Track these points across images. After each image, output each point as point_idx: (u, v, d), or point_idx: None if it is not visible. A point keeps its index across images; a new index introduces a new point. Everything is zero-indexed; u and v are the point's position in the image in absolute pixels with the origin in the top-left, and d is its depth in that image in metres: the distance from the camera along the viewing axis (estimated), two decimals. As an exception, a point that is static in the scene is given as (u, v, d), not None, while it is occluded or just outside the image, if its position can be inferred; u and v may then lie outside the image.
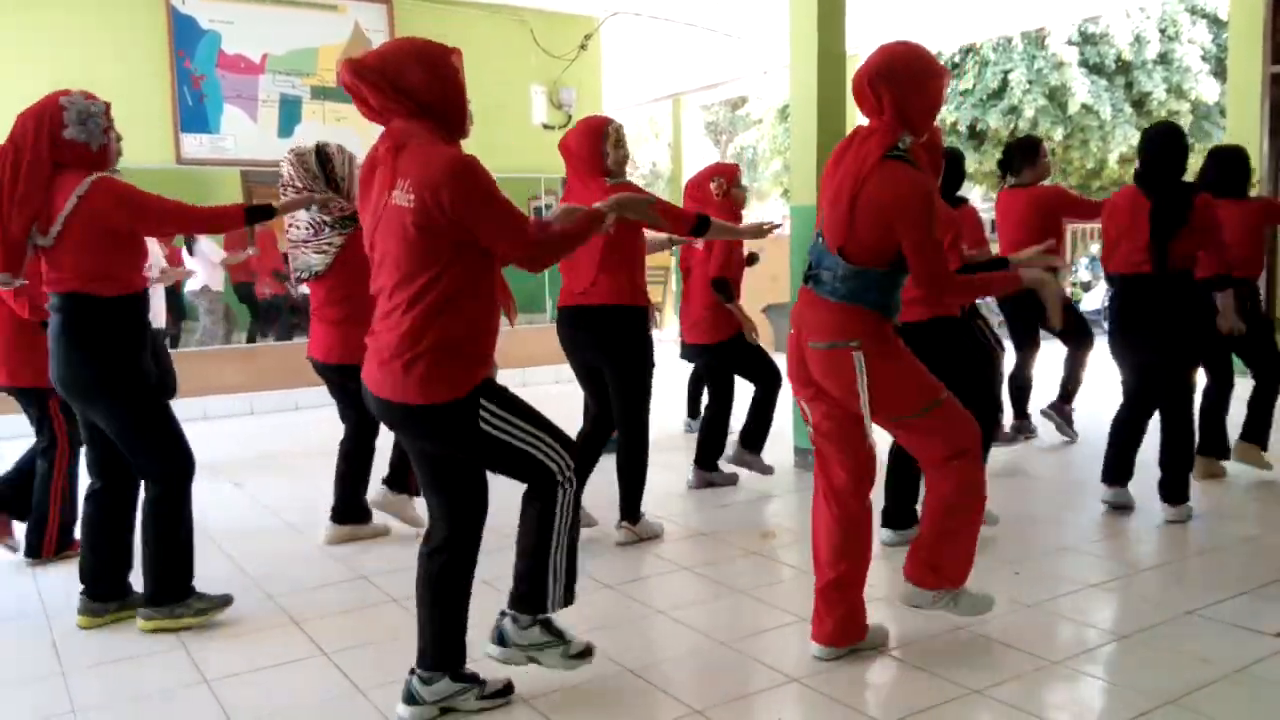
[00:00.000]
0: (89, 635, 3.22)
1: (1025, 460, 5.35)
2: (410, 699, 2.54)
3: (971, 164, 16.17)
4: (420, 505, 4.12)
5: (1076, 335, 5.51)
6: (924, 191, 2.61)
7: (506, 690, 2.64)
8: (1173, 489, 4.10)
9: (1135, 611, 3.23)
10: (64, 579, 3.84)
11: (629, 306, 3.84)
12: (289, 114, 8.13)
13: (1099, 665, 2.79)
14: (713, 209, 4.59)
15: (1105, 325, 4.27)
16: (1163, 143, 4.05)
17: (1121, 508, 4.22)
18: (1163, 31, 15.19)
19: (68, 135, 3.03)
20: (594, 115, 3.93)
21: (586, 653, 2.65)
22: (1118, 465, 4.22)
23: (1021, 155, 5.50)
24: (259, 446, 6.45)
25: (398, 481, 4.16)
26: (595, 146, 3.74)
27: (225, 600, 3.29)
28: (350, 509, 4.19)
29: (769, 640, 3.04)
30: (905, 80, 2.62)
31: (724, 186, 4.71)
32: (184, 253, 7.39)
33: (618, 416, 3.94)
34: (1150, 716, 2.47)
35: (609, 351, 3.86)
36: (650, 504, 4.69)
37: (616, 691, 2.72)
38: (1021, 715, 2.50)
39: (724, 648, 2.98)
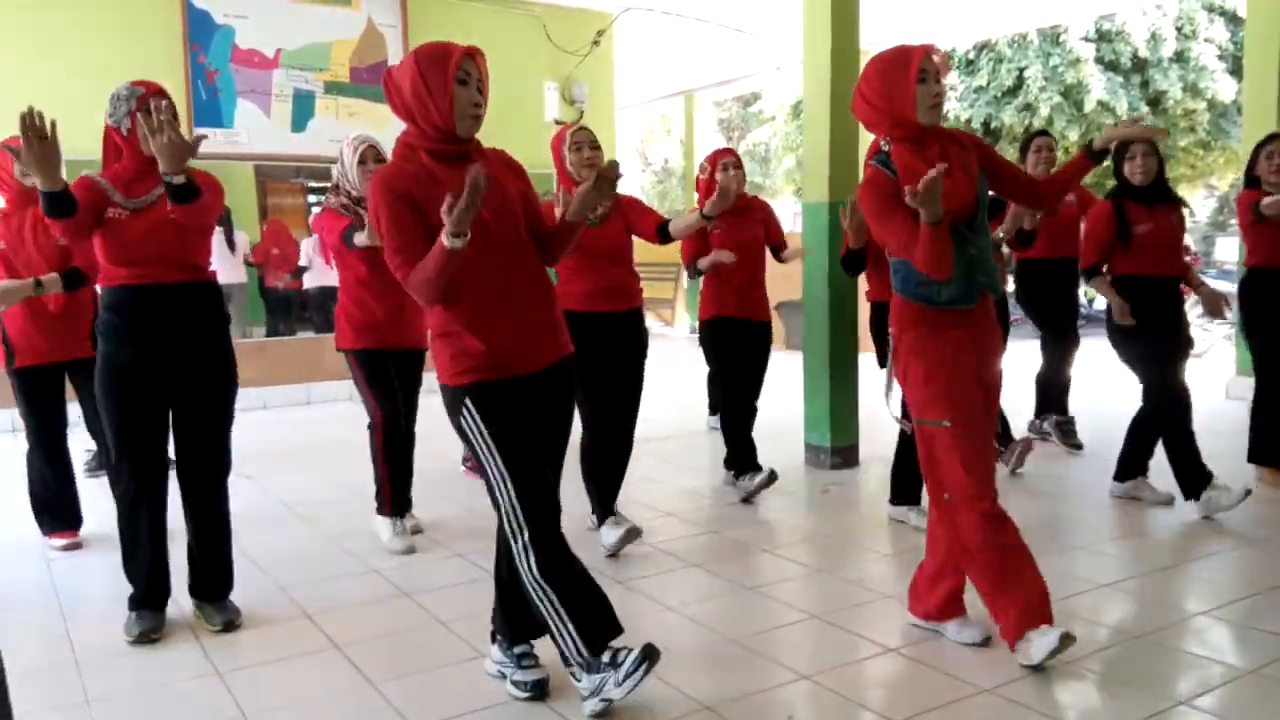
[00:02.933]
0: (102, 627, 3.23)
1: (1036, 460, 5.32)
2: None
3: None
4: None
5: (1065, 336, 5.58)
6: (865, 187, 2.78)
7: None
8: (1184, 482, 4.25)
9: (1147, 612, 3.22)
10: (78, 570, 3.87)
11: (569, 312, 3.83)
12: (302, 109, 8.15)
13: (1110, 665, 2.78)
14: (700, 192, 4.71)
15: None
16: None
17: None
18: (1179, 29, 15.09)
19: (108, 121, 3.08)
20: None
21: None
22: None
23: (1020, 151, 5.57)
24: (271, 440, 6.47)
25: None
26: (557, 153, 3.84)
27: (142, 637, 3.10)
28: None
29: (780, 637, 3.04)
30: (868, 87, 2.76)
31: (707, 170, 4.71)
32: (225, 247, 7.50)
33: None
34: (1161, 718, 2.46)
35: None
36: (662, 500, 4.71)
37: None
38: (1032, 715, 2.49)
39: (734, 644, 2.98)
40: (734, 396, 4.82)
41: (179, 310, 3.12)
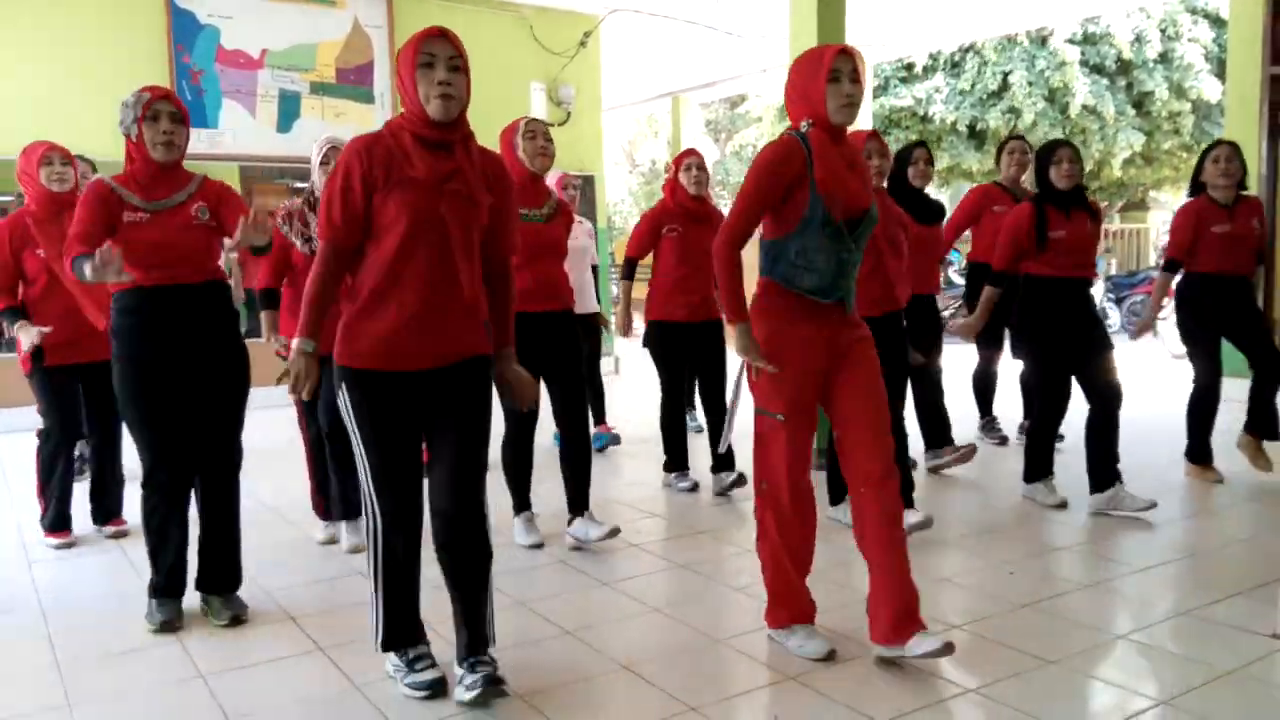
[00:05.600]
0: (85, 630, 3.21)
1: (1020, 460, 5.34)
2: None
3: (972, 163, 16.19)
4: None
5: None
6: (759, 158, 2.80)
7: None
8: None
9: (1130, 612, 3.24)
10: (60, 573, 3.85)
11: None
12: (288, 109, 8.12)
13: (1094, 665, 2.79)
14: (665, 191, 4.87)
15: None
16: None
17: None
18: (1163, 31, 15.19)
19: (120, 129, 3.10)
20: None
21: (431, 686, 2.64)
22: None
23: (995, 155, 5.85)
24: (256, 442, 6.41)
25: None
26: (509, 142, 3.86)
27: (166, 625, 3.17)
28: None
29: (765, 638, 3.04)
30: (789, 85, 2.86)
31: (671, 170, 4.83)
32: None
33: None
34: (1145, 717, 2.48)
35: None
36: (645, 501, 4.71)
37: (612, 688, 2.72)
38: (1016, 715, 2.50)
39: (721, 645, 2.99)
40: (673, 399, 4.89)
41: (197, 310, 3.20)
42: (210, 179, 3.30)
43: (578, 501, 4.02)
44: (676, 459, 4.94)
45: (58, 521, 4.19)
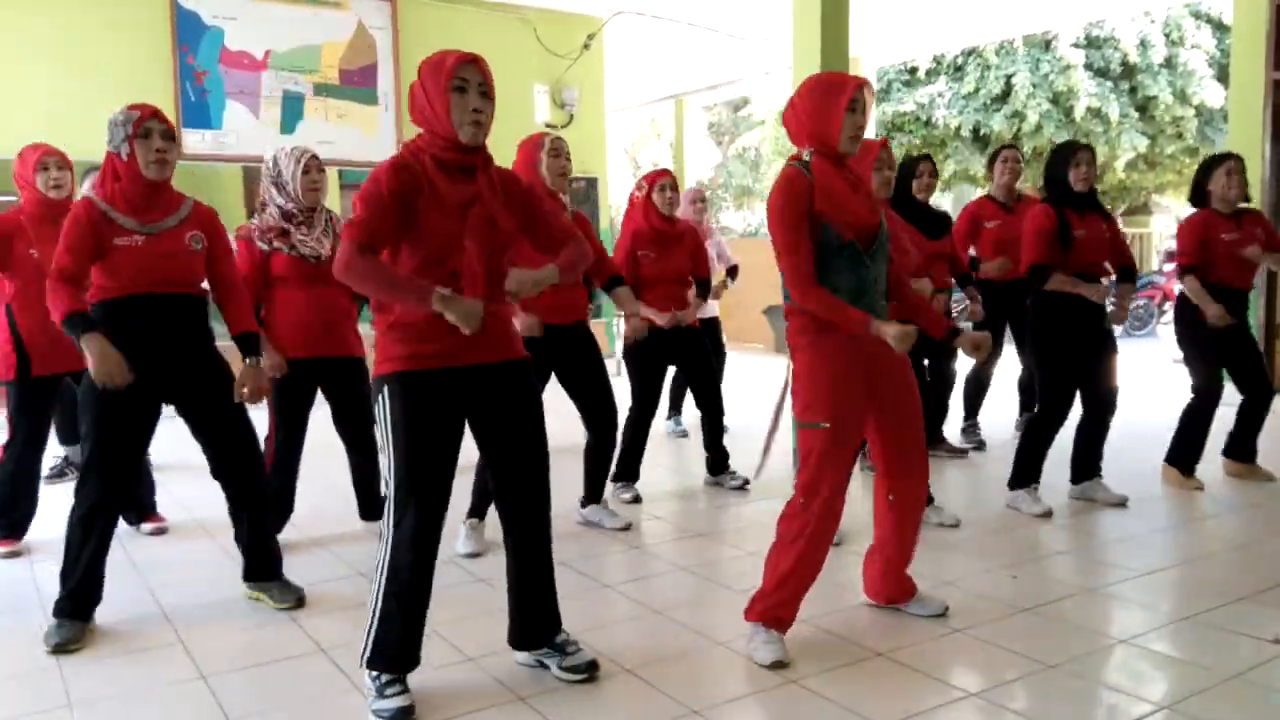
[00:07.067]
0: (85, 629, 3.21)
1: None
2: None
3: (977, 168, 16.18)
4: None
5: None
6: (781, 183, 2.82)
7: None
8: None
9: (1132, 616, 3.23)
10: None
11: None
12: (291, 110, 8.13)
13: (1096, 670, 2.79)
14: (636, 210, 4.70)
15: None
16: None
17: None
18: (1167, 36, 15.19)
19: (107, 147, 3.10)
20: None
21: (395, 716, 2.51)
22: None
23: (987, 163, 5.91)
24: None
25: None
26: (531, 157, 3.86)
27: (60, 648, 3.03)
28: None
29: (766, 641, 3.03)
30: (801, 102, 2.86)
31: (644, 188, 4.71)
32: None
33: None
34: (1146, 721, 2.48)
35: None
36: (646, 503, 4.71)
37: (614, 691, 2.72)
38: (1017, 719, 2.50)
39: (722, 648, 2.99)
40: (643, 410, 4.68)
41: (175, 320, 3.21)
42: (200, 204, 3.32)
43: (595, 493, 4.29)
44: (629, 470, 4.75)
45: (4, 527, 4.05)
